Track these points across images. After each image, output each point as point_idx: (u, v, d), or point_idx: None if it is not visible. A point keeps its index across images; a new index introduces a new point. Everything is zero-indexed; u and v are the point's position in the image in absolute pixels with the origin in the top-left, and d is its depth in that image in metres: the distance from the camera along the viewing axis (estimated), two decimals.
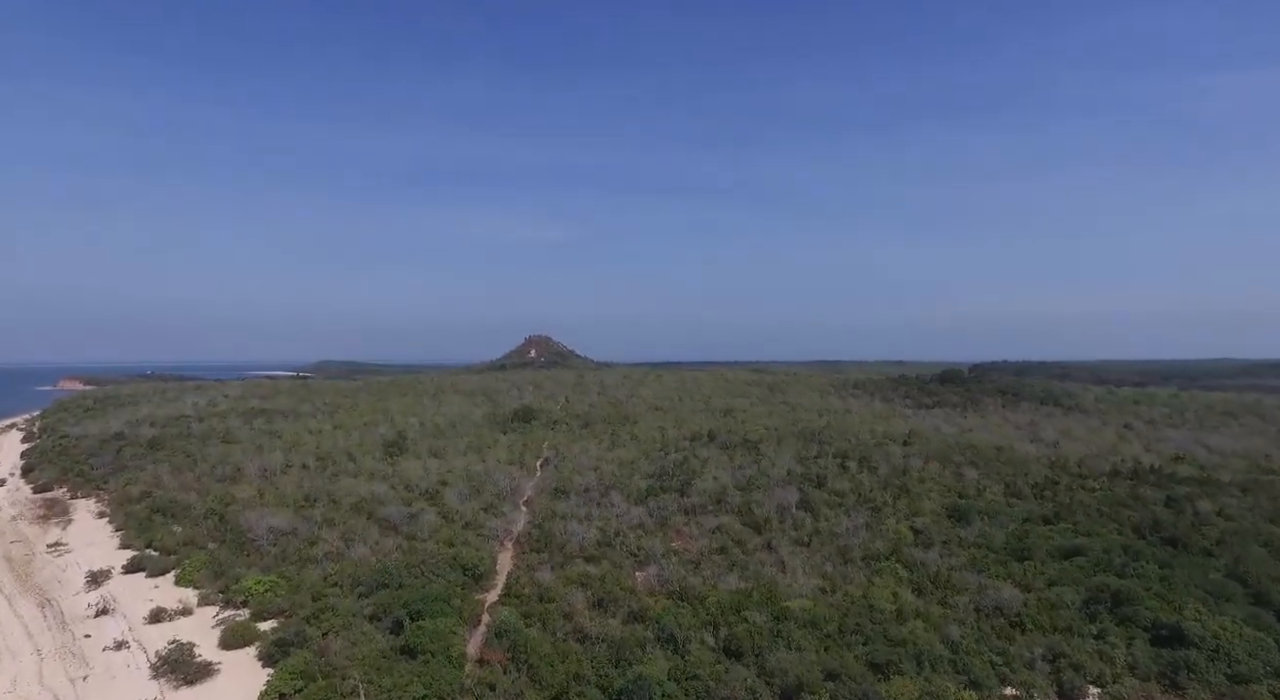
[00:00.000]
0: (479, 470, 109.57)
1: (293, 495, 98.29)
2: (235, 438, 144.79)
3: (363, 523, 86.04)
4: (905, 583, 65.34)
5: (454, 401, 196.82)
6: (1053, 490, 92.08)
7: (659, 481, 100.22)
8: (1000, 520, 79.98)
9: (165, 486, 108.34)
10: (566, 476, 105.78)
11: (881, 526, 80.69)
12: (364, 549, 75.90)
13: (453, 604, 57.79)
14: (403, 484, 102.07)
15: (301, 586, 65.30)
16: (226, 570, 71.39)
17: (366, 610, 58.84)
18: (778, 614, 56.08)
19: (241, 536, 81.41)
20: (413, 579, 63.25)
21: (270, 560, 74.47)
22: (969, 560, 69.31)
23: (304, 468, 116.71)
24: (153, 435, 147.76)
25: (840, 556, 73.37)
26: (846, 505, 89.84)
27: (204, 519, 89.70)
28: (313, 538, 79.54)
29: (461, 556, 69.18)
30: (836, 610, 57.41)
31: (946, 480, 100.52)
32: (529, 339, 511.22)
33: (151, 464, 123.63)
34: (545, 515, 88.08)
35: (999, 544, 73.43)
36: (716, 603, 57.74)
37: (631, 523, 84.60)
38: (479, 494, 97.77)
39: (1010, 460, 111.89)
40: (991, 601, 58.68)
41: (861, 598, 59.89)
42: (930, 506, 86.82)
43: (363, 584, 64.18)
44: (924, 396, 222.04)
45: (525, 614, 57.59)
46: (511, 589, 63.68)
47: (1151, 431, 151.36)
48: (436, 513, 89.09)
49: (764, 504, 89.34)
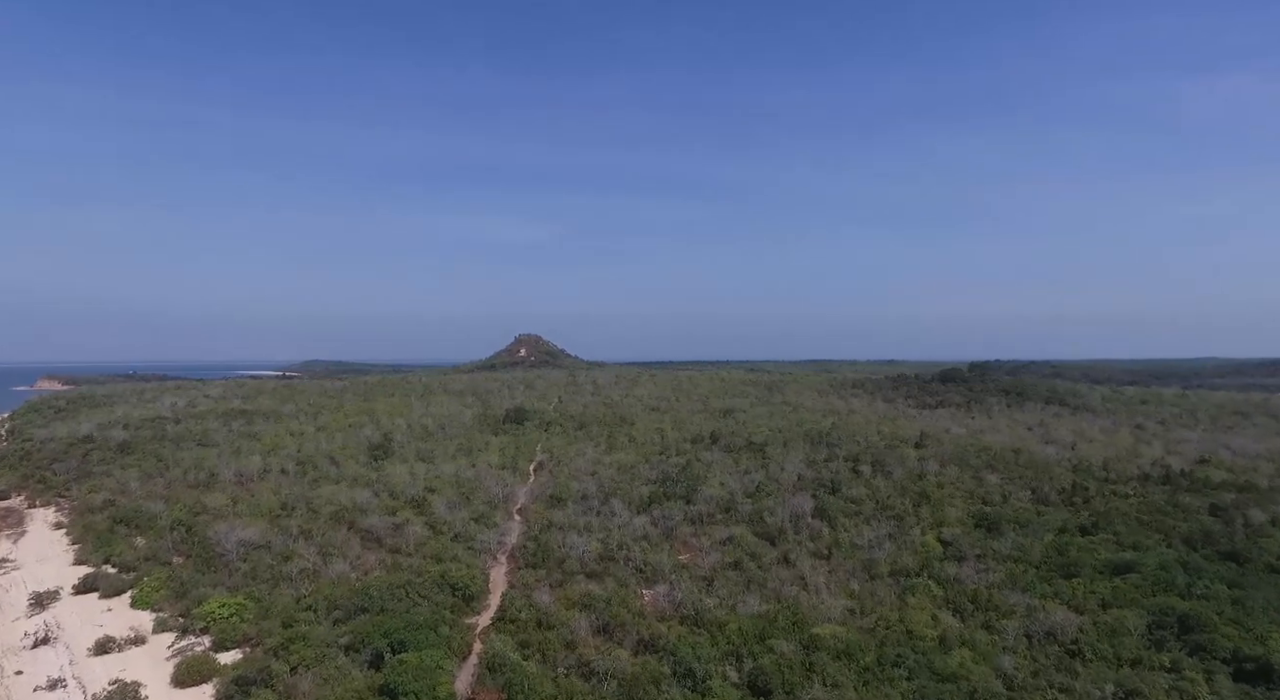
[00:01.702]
0: (469, 476, 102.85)
1: (268, 503, 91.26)
2: (212, 441, 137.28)
3: (343, 534, 79.22)
4: (941, 602, 59.30)
5: (443, 402, 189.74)
6: (1083, 496, 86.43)
7: (662, 488, 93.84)
8: (1033, 530, 74.12)
9: (132, 494, 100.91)
10: (563, 482, 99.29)
11: (906, 537, 74.68)
12: (343, 565, 69.11)
13: (440, 632, 51.18)
14: (387, 491, 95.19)
15: (271, 610, 58.44)
16: (189, 590, 64.38)
17: (343, 639, 52.12)
18: (807, 642, 49.85)
19: (209, 550, 74.39)
20: (395, 602, 56.55)
21: (239, 578, 67.55)
22: (1007, 576, 63.32)
23: (283, 473, 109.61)
24: (124, 438, 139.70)
25: (865, 572, 67.27)
26: (864, 513, 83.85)
27: (170, 530, 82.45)
28: (287, 552, 72.60)
29: (450, 574, 62.51)
30: (872, 637, 51.23)
31: (967, 485, 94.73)
32: (519, 338, 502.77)
33: (120, 469, 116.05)
34: (541, 526, 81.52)
35: (1036, 557, 67.51)
36: (738, 629, 51.42)
37: (635, 534, 78.20)
38: (469, 502, 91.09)
39: (1030, 464, 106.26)
40: (1043, 626, 52.64)
41: (898, 621, 53.74)
42: (956, 515, 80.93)
43: (340, 607, 57.43)
44: (926, 396, 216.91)
45: (522, 643, 51.08)
46: (506, 612, 57.08)
47: (1166, 432, 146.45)
48: (424, 523, 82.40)
49: (776, 512, 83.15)
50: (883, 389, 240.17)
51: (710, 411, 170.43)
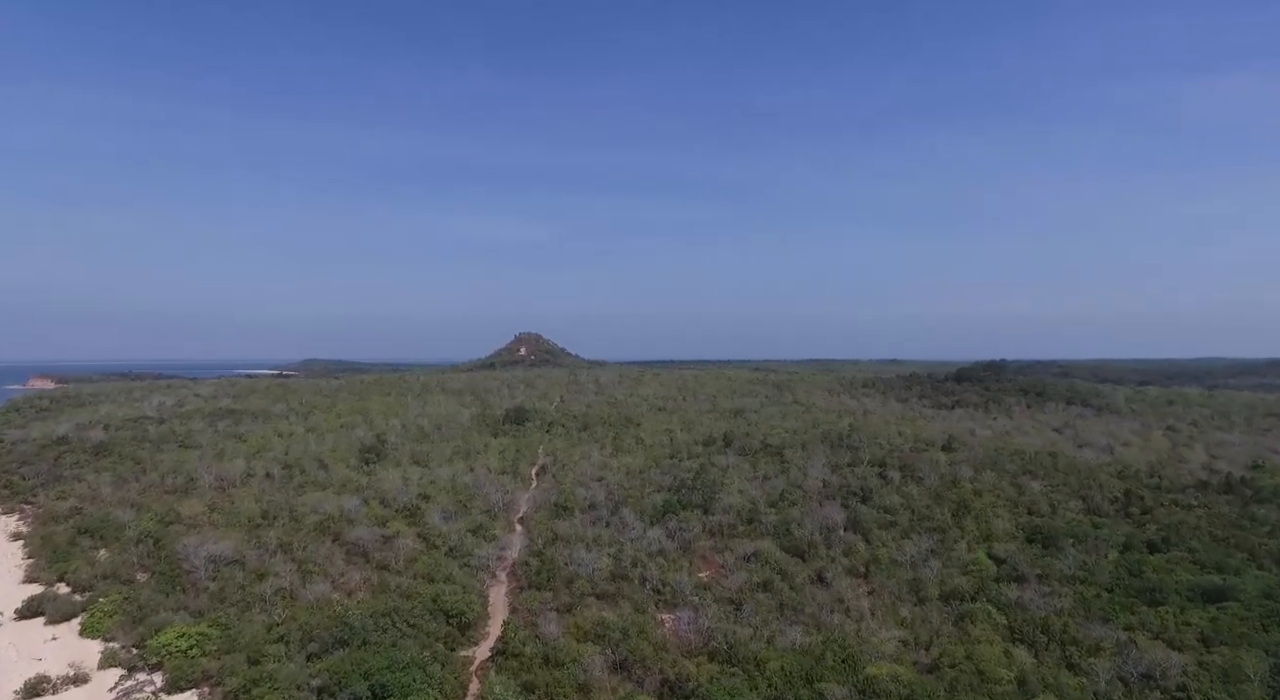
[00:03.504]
0: (467, 481, 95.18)
1: (248, 511, 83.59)
2: (194, 442, 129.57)
3: (326, 548, 71.64)
4: (1005, 633, 51.72)
5: (440, 401, 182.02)
6: (1139, 507, 78.87)
7: (676, 495, 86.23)
8: (1094, 546, 66.62)
9: (102, 501, 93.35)
10: (568, 489, 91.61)
11: (952, 553, 67.15)
12: (323, 585, 61.51)
13: (430, 672, 43.64)
14: (378, 498, 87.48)
15: (238, 641, 50.87)
16: (148, 615, 56.81)
17: (316, 680, 44.56)
18: (863, 686, 42.34)
19: (176, 567, 66.84)
20: (379, 633, 48.98)
21: (205, 601, 60.02)
22: (1077, 601, 55.75)
23: (267, 477, 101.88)
24: (101, 440, 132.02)
25: (913, 594, 59.73)
26: (901, 525, 76.27)
27: (136, 543, 74.92)
28: (262, 569, 65.01)
29: (444, 599, 54.94)
30: (939, 681, 43.62)
31: (1007, 493, 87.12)
32: (519, 336, 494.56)
33: (93, 473, 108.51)
34: (545, 539, 73.93)
35: (1105, 579, 59.93)
36: (780, 669, 43.83)
37: (649, 548, 70.60)
38: (466, 510, 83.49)
39: (1071, 469, 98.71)
40: (1138, 666, 45.04)
41: (964, 658, 46.15)
42: (1004, 527, 73.38)
43: (316, 639, 49.84)
44: (941, 396, 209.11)
45: (526, 686, 43.54)
46: (508, 644, 49.50)
47: (1201, 435, 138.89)
48: (416, 535, 74.87)
49: (804, 524, 75.58)
50: (895, 388, 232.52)
51: (720, 412, 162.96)
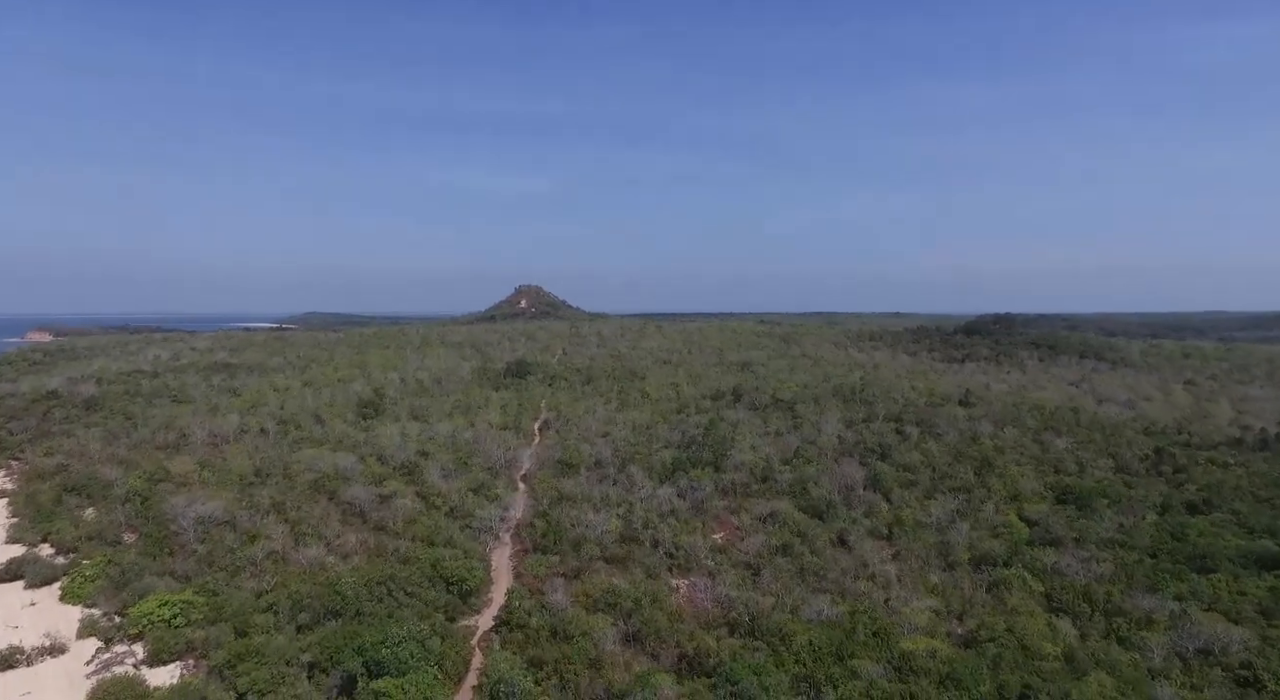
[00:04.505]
0: (467, 437, 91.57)
1: (240, 469, 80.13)
2: (188, 397, 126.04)
3: (321, 508, 68.41)
4: (1043, 601, 48.45)
5: (440, 355, 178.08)
6: (1172, 466, 75.25)
7: (686, 452, 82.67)
8: (1130, 507, 63.14)
9: (90, 457, 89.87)
10: (572, 445, 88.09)
11: (979, 515, 63.74)
12: (317, 549, 58.22)
13: (429, 646, 40.33)
14: (375, 455, 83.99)
15: (224, 609, 47.63)
16: (131, 579, 53.59)
17: (306, 655, 41.36)
18: (898, 662, 39.01)
19: (163, 529, 63.56)
20: (375, 603, 45.70)
21: (192, 564, 56.80)
22: (1119, 568, 52.38)
23: (261, 433, 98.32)
24: (92, 394, 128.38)
25: (941, 558, 56.45)
26: (922, 484, 72.87)
27: (123, 503, 71.64)
28: (253, 531, 61.67)
29: (444, 564, 51.58)
30: (980, 657, 40.26)
31: (1031, 451, 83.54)
32: (519, 289, 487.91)
33: (83, 428, 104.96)
34: (550, 498, 70.58)
35: (1146, 542, 56.53)
36: (808, 644, 40.50)
37: (660, 508, 67.22)
38: (467, 468, 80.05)
39: (1094, 425, 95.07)
40: (1193, 640, 41.72)
41: (1004, 631, 42.81)
42: (1031, 487, 69.89)
43: (307, 609, 46.57)
44: (951, 349, 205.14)
45: (533, 662, 40.27)
46: (513, 614, 46.24)
47: (1223, 390, 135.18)
48: (414, 494, 71.52)
49: (822, 482, 72.15)
50: (903, 341, 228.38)
51: (726, 365, 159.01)
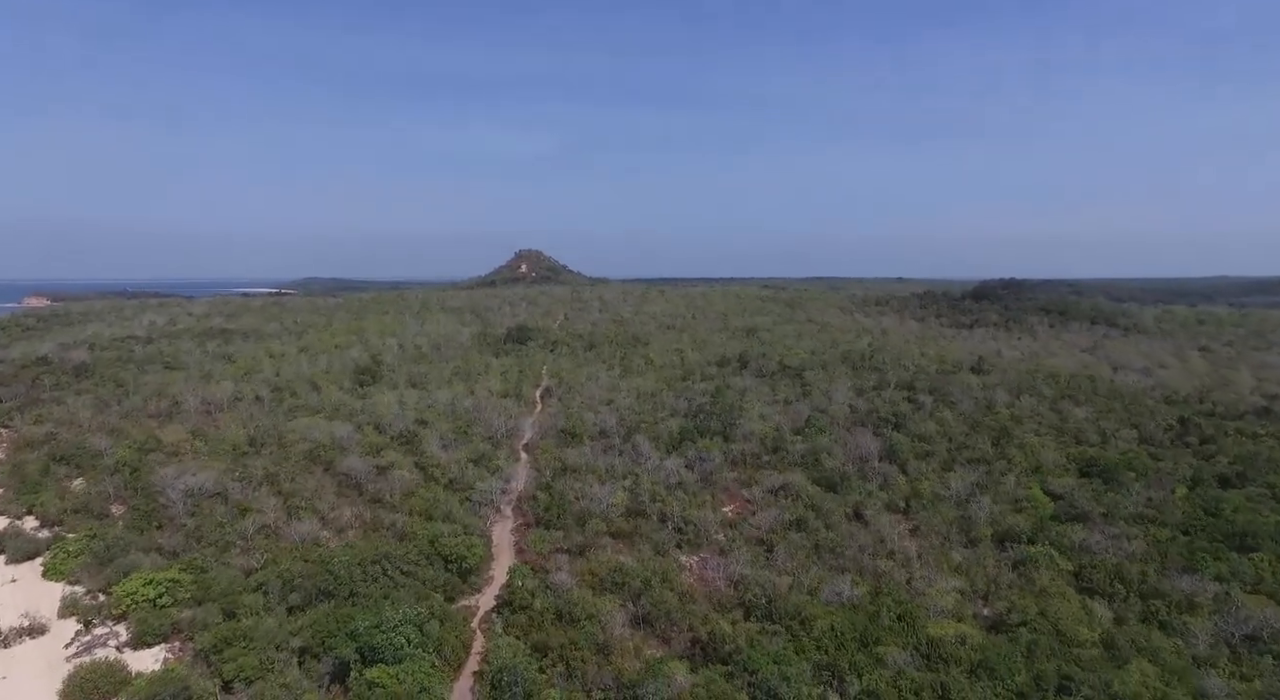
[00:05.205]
0: (467, 405, 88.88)
1: (233, 438, 77.70)
2: (181, 364, 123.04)
3: (315, 479, 66.00)
4: (1072, 580, 46.08)
5: (439, 320, 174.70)
6: (1198, 436, 72.57)
7: (693, 421, 79.99)
8: (1158, 480, 60.57)
9: (80, 426, 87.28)
10: (575, 413, 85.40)
11: (1000, 488, 61.19)
12: (311, 523, 55.89)
13: (427, 631, 38.01)
14: (372, 423, 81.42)
15: (212, 588, 45.37)
16: (116, 556, 51.30)
17: (297, 639, 39.09)
18: (927, 650, 36.66)
19: (152, 501, 61.20)
20: (369, 583, 43.31)
21: (180, 539, 54.54)
22: (1152, 546, 49.94)
23: (256, 401, 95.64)
24: (84, 360, 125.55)
25: (963, 534, 54.04)
26: (939, 455, 70.29)
27: (111, 473, 69.28)
28: (245, 504, 59.32)
29: (443, 541, 49.19)
30: (1014, 644, 37.91)
31: (1049, 420, 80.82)
32: (519, 253, 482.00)
33: (73, 395, 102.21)
34: (553, 469, 68.13)
35: (1178, 518, 54.01)
36: (830, 629, 38.14)
37: (668, 480, 64.74)
38: (467, 437, 77.52)
39: (1113, 394, 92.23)
40: (1240, 625, 39.34)
41: (1038, 614, 40.43)
42: (1053, 459, 67.26)
43: (298, 589, 44.23)
44: (959, 315, 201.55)
45: (537, 647, 37.97)
46: (515, 595, 43.91)
47: (1240, 357, 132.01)
48: (413, 464, 69.06)
49: (835, 453, 69.63)
50: (909, 307, 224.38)
51: (732, 330, 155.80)
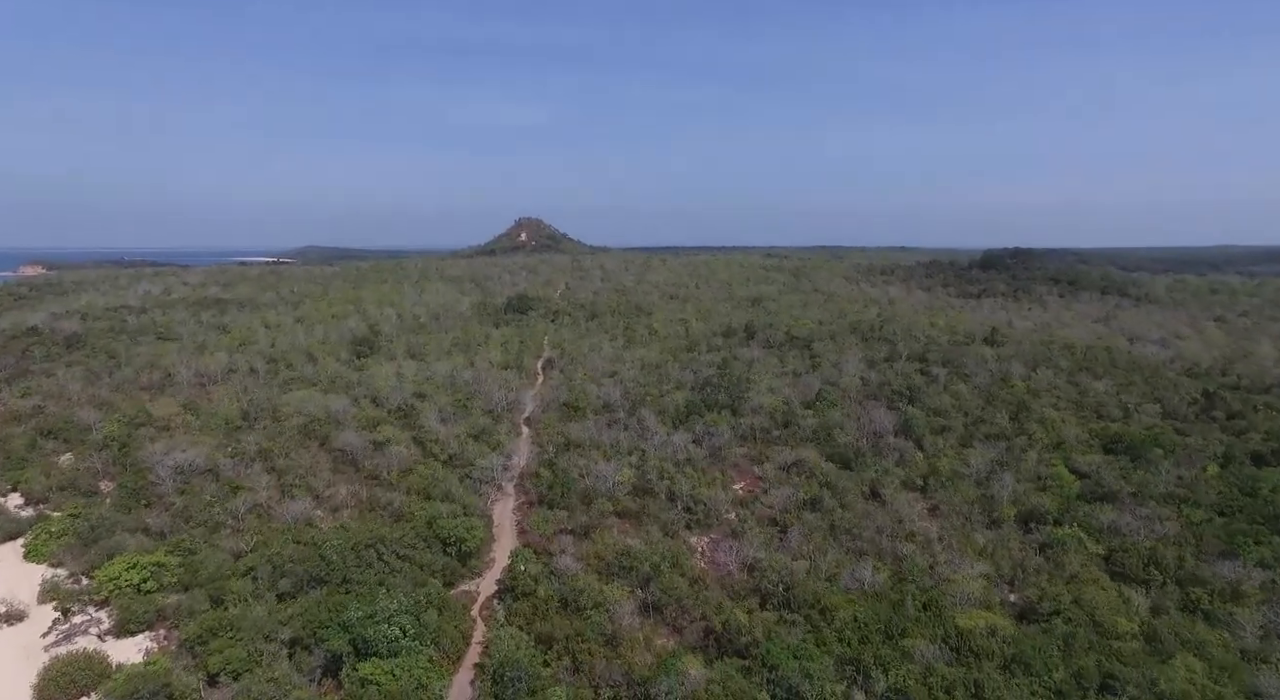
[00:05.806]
0: (466, 377, 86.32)
1: (226, 412, 75.24)
2: (175, 334, 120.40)
3: (310, 455, 63.72)
4: (1102, 564, 43.80)
5: (438, 289, 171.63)
6: (1225, 411, 69.98)
7: (700, 394, 77.44)
8: (1187, 458, 58.08)
9: (69, 399, 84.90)
10: (578, 386, 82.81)
11: (1021, 465, 58.73)
12: (305, 502, 53.62)
13: (425, 621, 35.80)
14: (369, 396, 78.98)
15: (199, 573, 43.17)
16: (101, 536, 49.19)
17: (286, 629, 36.90)
18: (957, 643, 34.43)
19: (141, 478, 58.89)
20: (363, 570, 41.04)
21: (169, 519, 52.30)
22: (1186, 528, 47.57)
23: (250, 373, 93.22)
24: (75, 331, 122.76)
25: (985, 514, 51.71)
26: (955, 429, 67.79)
27: (100, 449, 66.97)
28: (236, 482, 57.00)
29: (441, 523, 46.88)
30: (1048, 635, 35.69)
31: (1068, 394, 78.21)
32: (519, 222, 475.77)
33: (64, 367, 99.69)
34: (556, 445, 65.71)
35: (1212, 498, 51.60)
36: (853, 620, 35.89)
37: (675, 456, 62.33)
38: (466, 411, 75.09)
39: (1132, 366, 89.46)
40: None
41: (1072, 603, 38.16)
42: (1075, 434, 64.77)
43: (289, 574, 41.98)
44: (967, 284, 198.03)
45: (541, 639, 35.79)
46: (518, 579, 41.69)
47: (1258, 327, 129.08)
48: (411, 439, 66.76)
49: (848, 428, 67.18)
50: (915, 276, 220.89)
51: (736, 300, 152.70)
